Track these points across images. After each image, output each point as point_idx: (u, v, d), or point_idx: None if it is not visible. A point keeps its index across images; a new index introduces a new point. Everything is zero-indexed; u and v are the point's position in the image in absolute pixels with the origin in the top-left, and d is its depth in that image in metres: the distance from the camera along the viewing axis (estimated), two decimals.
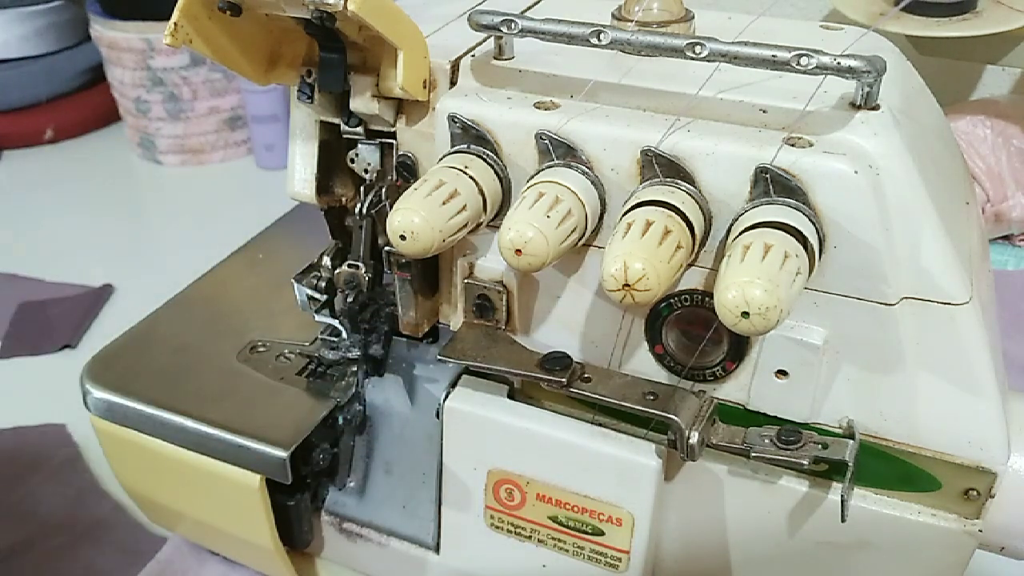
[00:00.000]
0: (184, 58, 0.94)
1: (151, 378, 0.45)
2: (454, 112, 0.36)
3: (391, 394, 0.45)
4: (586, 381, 0.37)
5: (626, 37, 0.33)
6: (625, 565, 0.39)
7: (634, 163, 0.34)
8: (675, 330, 0.36)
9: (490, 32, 0.36)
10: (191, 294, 0.52)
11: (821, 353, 0.33)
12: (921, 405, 0.34)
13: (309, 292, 0.44)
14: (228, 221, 0.78)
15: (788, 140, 0.32)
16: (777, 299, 0.28)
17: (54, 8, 1.03)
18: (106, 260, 0.83)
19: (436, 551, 0.44)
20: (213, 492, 0.44)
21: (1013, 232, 0.76)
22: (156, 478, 0.46)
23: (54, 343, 0.71)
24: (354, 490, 0.45)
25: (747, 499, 0.37)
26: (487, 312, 0.39)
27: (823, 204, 0.31)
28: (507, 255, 0.32)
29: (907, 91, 0.37)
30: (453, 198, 0.33)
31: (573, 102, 0.36)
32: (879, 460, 0.35)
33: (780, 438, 0.34)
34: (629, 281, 0.29)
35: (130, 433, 0.44)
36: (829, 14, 0.85)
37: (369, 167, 0.42)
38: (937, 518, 0.35)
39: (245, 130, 1.00)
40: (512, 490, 0.40)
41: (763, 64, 0.32)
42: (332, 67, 0.38)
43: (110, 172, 1.00)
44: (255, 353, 0.46)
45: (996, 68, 0.86)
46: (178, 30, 0.34)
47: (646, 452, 0.37)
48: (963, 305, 0.32)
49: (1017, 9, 0.69)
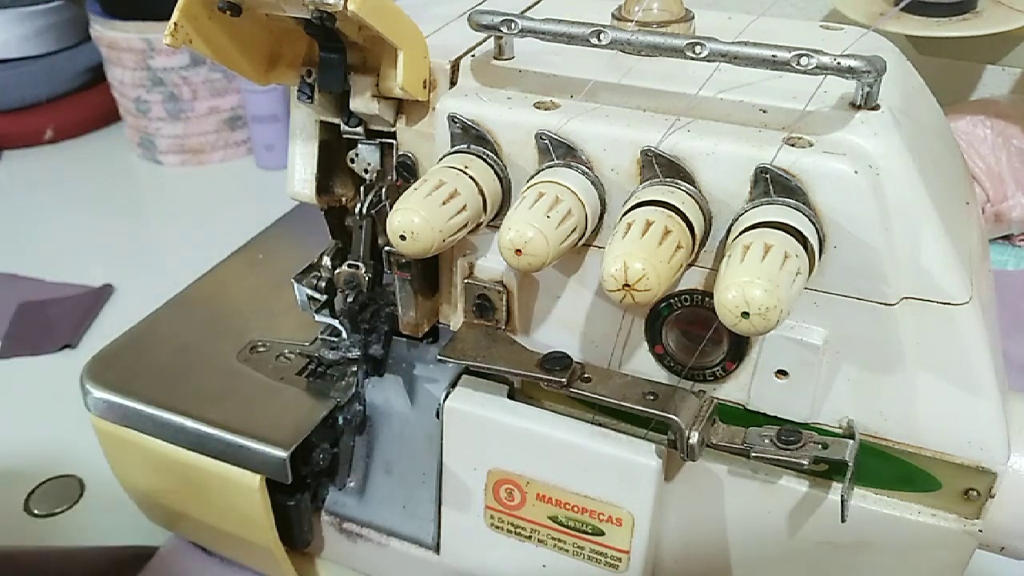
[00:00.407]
0: (184, 58, 0.94)
1: (151, 378, 0.45)
2: (454, 112, 0.36)
3: (391, 394, 0.45)
4: (586, 381, 0.37)
5: (626, 37, 0.33)
6: (625, 565, 0.39)
7: (634, 163, 0.34)
8: (675, 330, 0.36)
9: (490, 32, 0.36)
10: (191, 294, 0.52)
11: (821, 353, 0.33)
12: (921, 405, 0.34)
13: (309, 292, 0.44)
14: (228, 221, 0.78)
15: (788, 140, 0.32)
16: (777, 299, 0.28)
17: (54, 8, 1.03)
18: (106, 260, 0.83)
19: (436, 551, 0.44)
20: (213, 492, 0.44)
21: (1013, 232, 0.76)
22: (156, 478, 0.46)
23: (54, 343, 0.71)
24: (354, 490, 0.45)
25: (747, 499, 0.37)
26: (487, 312, 0.39)
27: (823, 204, 0.31)
28: (507, 255, 0.32)
29: (907, 91, 0.37)
30: (453, 198, 0.33)
31: (573, 102, 0.36)
32: (879, 460, 0.35)
33: (780, 438, 0.34)
34: (629, 281, 0.29)
35: (130, 433, 0.44)
36: (829, 14, 0.85)
37: (369, 167, 0.42)
38: (937, 518, 0.35)
39: (245, 130, 1.00)
40: (512, 490, 0.40)
41: (763, 64, 0.32)
42: (332, 67, 0.38)
43: (110, 172, 1.00)
44: (255, 353, 0.46)
45: (996, 68, 0.86)
46: (178, 30, 0.34)
47: (646, 452, 0.37)
48: (963, 305, 0.32)
49: (1017, 9, 0.69)
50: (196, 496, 0.45)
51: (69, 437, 0.60)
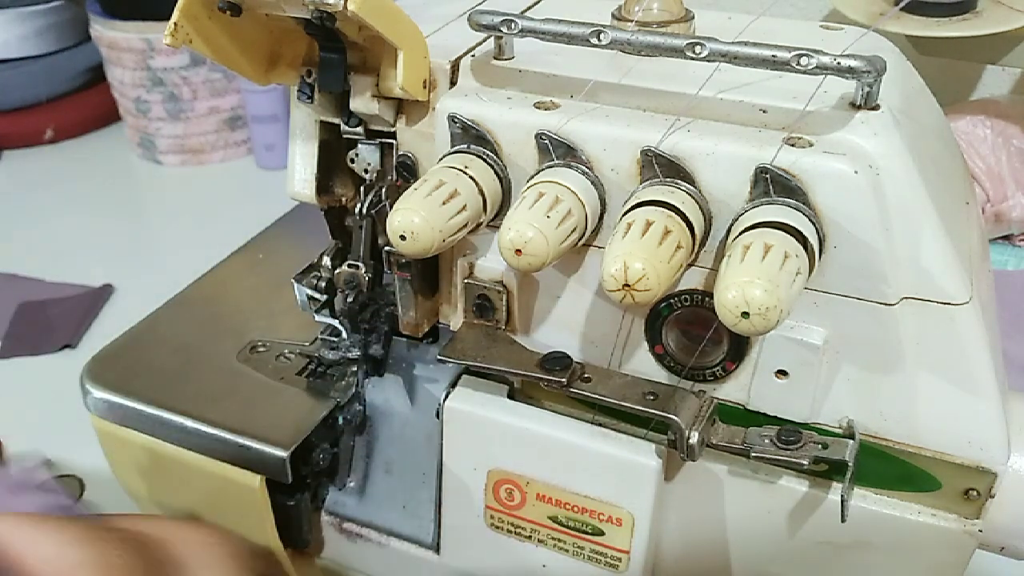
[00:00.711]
0: (184, 58, 0.94)
1: (151, 378, 0.45)
2: (454, 112, 0.36)
3: (391, 394, 0.45)
4: (586, 381, 0.37)
5: (626, 37, 0.33)
6: (625, 565, 0.39)
7: (634, 163, 0.34)
8: (675, 330, 0.36)
9: (490, 32, 0.36)
10: (191, 294, 0.52)
11: (821, 353, 0.33)
12: (921, 405, 0.34)
13: (309, 292, 0.44)
14: (228, 221, 0.78)
15: (788, 140, 0.32)
16: (777, 299, 0.28)
17: (54, 8, 1.03)
18: (106, 260, 0.83)
19: (436, 551, 0.44)
20: (213, 492, 0.44)
21: (1013, 232, 0.76)
22: (156, 478, 0.46)
23: (54, 343, 0.71)
24: (354, 490, 0.45)
25: (747, 499, 0.37)
26: (487, 312, 0.39)
27: (823, 204, 0.31)
28: (507, 255, 0.32)
29: (907, 91, 0.37)
30: (453, 198, 0.33)
31: (573, 102, 0.36)
32: (879, 460, 0.35)
33: (780, 438, 0.34)
34: (629, 281, 0.29)
35: (130, 433, 0.44)
36: (829, 14, 0.85)
37: (369, 167, 0.42)
38: (937, 518, 0.35)
39: (245, 130, 1.00)
40: (512, 490, 0.40)
41: (763, 64, 0.32)
42: (332, 67, 0.38)
43: (110, 172, 1.00)
44: (255, 353, 0.46)
45: (996, 68, 0.86)
46: (178, 30, 0.34)
47: (646, 452, 0.37)
48: (963, 305, 0.32)
49: (1017, 9, 0.69)
50: (196, 496, 0.45)
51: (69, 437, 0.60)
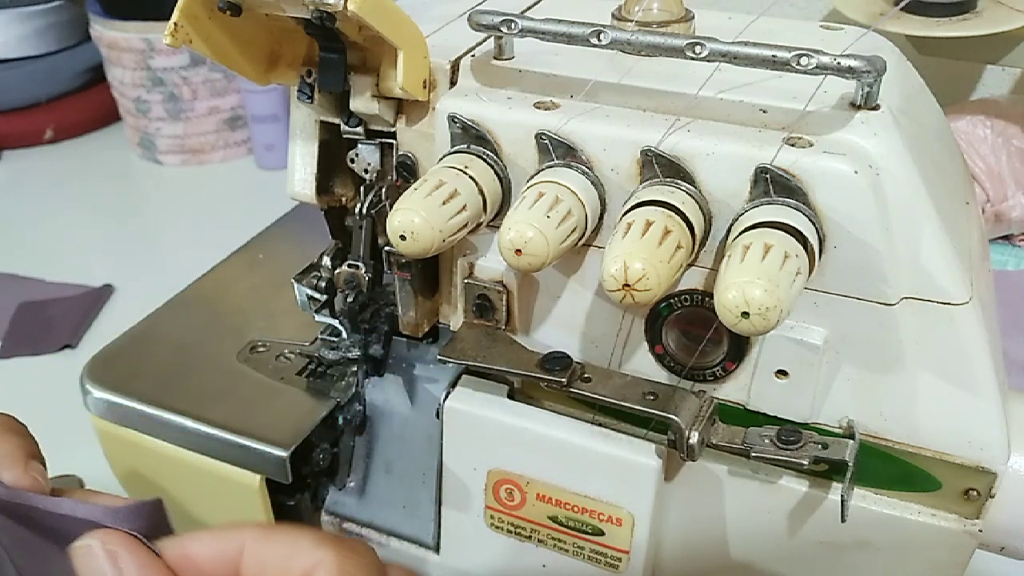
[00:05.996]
0: (184, 58, 0.94)
1: (151, 378, 0.45)
2: (454, 112, 0.36)
3: (391, 394, 0.45)
4: (586, 381, 0.37)
5: (626, 37, 0.33)
6: (625, 565, 0.39)
7: (634, 163, 0.34)
8: (675, 330, 0.36)
9: (490, 32, 0.36)
10: (191, 294, 0.52)
11: (821, 353, 0.33)
12: (921, 405, 0.34)
13: (309, 292, 0.44)
14: (228, 221, 0.78)
15: (788, 140, 0.32)
16: (777, 299, 0.28)
17: (54, 8, 1.03)
18: (106, 260, 0.83)
19: (436, 551, 0.44)
20: (213, 492, 0.44)
21: (1013, 232, 0.76)
22: (156, 478, 0.46)
23: (54, 343, 0.71)
24: (354, 490, 0.45)
25: (747, 499, 0.37)
26: (487, 312, 0.39)
27: (823, 204, 0.31)
28: (507, 255, 0.32)
29: (907, 91, 0.37)
30: (453, 198, 0.33)
31: (573, 102, 0.36)
32: (879, 460, 0.35)
33: (780, 438, 0.34)
34: (629, 281, 0.29)
35: (130, 433, 0.44)
36: (829, 14, 0.85)
37: (369, 167, 0.42)
38: (937, 518, 0.35)
39: (245, 130, 1.00)
40: (512, 490, 0.40)
41: (763, 64, 0.32)
42: (332, 67, 0.38)
43: (110, 172, 1.00)
44: (255, 353, 0.46)
45: (996, 68, 0.86)
46: (178, 30, 0.34)
47: (646, 452, 0.37)
48: (963, 305, 0.32)
49: (1017, 9, 0.69)
50: (196, 496, 0.45)
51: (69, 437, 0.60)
